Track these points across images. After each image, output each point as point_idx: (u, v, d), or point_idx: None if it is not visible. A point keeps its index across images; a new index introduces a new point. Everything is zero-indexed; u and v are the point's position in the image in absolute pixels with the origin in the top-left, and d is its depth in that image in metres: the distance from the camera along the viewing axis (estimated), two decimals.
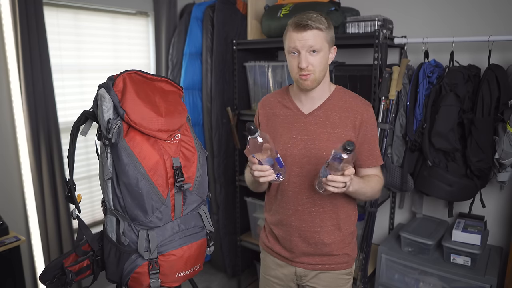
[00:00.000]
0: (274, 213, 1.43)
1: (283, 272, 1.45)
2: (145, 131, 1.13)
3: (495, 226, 2.11)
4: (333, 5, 2.09)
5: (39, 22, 2.02)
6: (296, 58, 1.24)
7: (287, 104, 1.38)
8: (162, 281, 1.19)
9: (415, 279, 2.02)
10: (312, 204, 1.34)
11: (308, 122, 1.33)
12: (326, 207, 1.35)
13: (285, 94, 1.41)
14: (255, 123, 1.47)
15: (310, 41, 1.21)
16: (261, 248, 1.55)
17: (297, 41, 1.21)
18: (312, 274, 1.40)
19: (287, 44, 1.26)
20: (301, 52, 1.22)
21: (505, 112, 1.75)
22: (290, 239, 1.39)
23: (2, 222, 1.88)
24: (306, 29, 1.20)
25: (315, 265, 1.39)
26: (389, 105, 1.95)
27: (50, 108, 2.12)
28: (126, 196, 1.15)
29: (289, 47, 1.24)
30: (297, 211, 1.36)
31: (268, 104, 1.42)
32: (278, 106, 1.40)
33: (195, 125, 2.74)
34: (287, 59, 1.29)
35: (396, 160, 2.02)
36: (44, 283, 1.20)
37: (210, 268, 3.01)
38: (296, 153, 1.33)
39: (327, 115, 1.33)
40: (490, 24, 2.01)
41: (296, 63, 1.24)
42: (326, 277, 1.40)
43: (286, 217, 1.38)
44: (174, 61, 2.71)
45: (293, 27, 1.22)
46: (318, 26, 1.21)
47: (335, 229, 1.37)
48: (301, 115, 1.35)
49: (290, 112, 1.37)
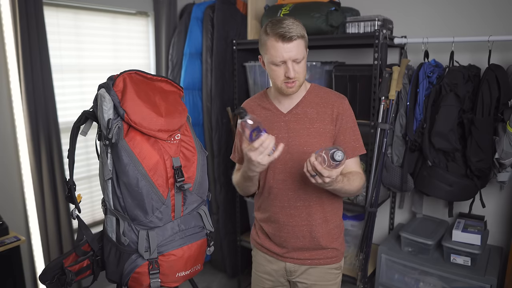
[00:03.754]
0: (262, 211, 1.47)
1: (273, 268, 1.47)
2: (145, 131, 1.13)
3: (495, 226, 2.11)
4: (333, 5, 2.10)
5: (39, 22, 2.02)
6: (281, 68, 1.26)
7: (267, 105, 1.42)
8: (162, 281, 1.20)
9: (415, 279, 2.02)
10: (298, 199, 1.37)
11: (287, 120, 1.37)
12: (312, 201, 1.38)
13: (264, 97, 1.45)
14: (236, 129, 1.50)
15: (294, 51, 1.23)
16: (252, 245, 1.58)
17: (284, 53, 1.23)
18: (301, 269, 1.43)
19: (271, 54, 1.25)
20: (287, 62, 1.24)
21: (505, 112, 1.75)
22: (280, 235, 1.42)
23: (2, 222, 1.88)
24: (292, 40, 1.22)
25: (305, 260, 1.42)
26: (389, 105, 1.95)
27: (50, 108, 2.12)
28: (126, 196, 1.15)
29: (275, 59, 1.25)
30: (284, 207, 1.39)
31: (249, 108, 1.45)
32: (258, 108, 1.43)
33: (195, 125, 2.74)
34: (268, 68, 1.30)
35: (396, 160, 2.03)
36: (44, 283, 1.20)
37: (210, 268, 3.01)
38: None
39: (305, 111, 1.37)
40: (490, 24, 2.01)
41: (282, 72, 1.26)
42: (316, 271, 1.43)
43: (274, 214, 1.41)
44: (174, 61, 2.71)
45: (277, 38, 1.22)
46: (300, 34, 1.24)
47: (323, 222, 1.40)
48: (281, 114, 1.38)
49: (269, 113, 1.40)
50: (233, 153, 1.56)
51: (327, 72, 2.25)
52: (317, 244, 1.40)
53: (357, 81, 2.10)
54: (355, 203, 2.12)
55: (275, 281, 1.49)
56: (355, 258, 2.13)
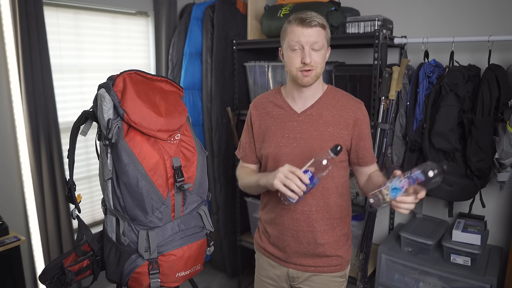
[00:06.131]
0: (268, 211, 1.43)
1: (275, 272, 1.43)
2: (145, 131, 1.13)
3: (495, 226, 2.11)
4: (333, 5, 2.09)
5: (39, 22, 2.02)
6: (298, 53, 1.23)
7: (280, 103, 1.37)
8: (162, 281, 1.20)
9: (415, 279, 2.02)
10: (304, 203, 1.32)
11: (301, 120, 1.33)
12: (319, 207, 1.33)
13: (277, 94, 1.40)
14: (245, 125, 1.47)
15: (314, 37, 1.21)
16: (255, 249, 1.54)
17: (301, 36, 1.20)
18: (304, 276, 1.39)
19: (290, 38, 1.23)
20: (305, 47, 1.21)
21: (505, 112, 1.75)
22: (283, 238, 1.37)
23: (2, 222, 1.88)
24: (311, 25, 1.20)
25: (308, 267, 1.37)
26: (389, 105, 1.95)
27: (50, 108, 2.12)
28: (126, 196, 1.15)
29: (292, 42, 1.22)
30: (290, 210, 1.34)
31: (261, 105, 1.42)
32: (270, 105, 1.39)
33: (195, 125, 2.74)
34: (285, 55, 1.27)
35: (396, 160, 2.02)
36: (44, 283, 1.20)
37: (210, 268, 3.01)
38: (288, 151, 1.32)
39: (320, 113, 1.32)
40: (490, 24, 2.01)
41: (298, 58, 1.23)
42: (319, 279, 1.38)
43: (279, 216, 1.37)
44: (174, 61, 2.71)
45: (298, 22, 1.21)
46: (322, 23, 1.22)
47: (329, 229, 1.35)
48: (294, 114, 1.34)
49: (282, 111, 1.36)
50: (238, 148, 1.51)
51: (327, 72, 2.24)
52: (321, 252, 1.35)
53: (357, 81, 2.10)
54: (355, 203, 2.11)
55: (277, 286, 1.45)
56: (355, 258, 2.13)
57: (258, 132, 1.41)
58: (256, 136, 1.42)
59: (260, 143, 1.40)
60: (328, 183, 1.32)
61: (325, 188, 1.32)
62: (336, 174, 1.33)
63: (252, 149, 1.44)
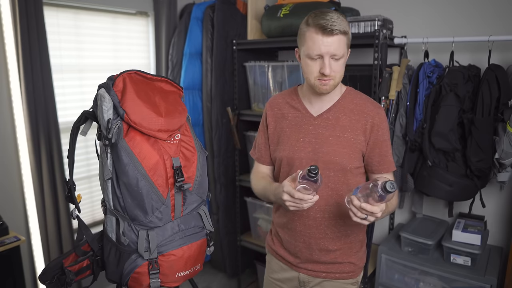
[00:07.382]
0: (280, 215, 1.41)
1: (286, 276, 1.42)
2: (145, 131, 1.13)
3: (495, 226, 2.11)
4: (333, 5, 2.09)
5: (39, 22, 2.02)
6: (317, 62, 1.17)
7: (296, 105, 1.33)
8: (162, 281, 1.19)
9: (415, 279, 2.02)
10: (318, 210, 1.29)
11: (316, 124, 1.28)
12: (332, 214, 1.29)
13: (294, 95, 1.35)
14: (260, 125, 1.45)
15: (334, 47, 1.14)
16: (267, 250, 1.53)
17: (322, 46, 1.14)
18: (315, 281, 1.37)
19: (309, 47, 1.16)
20: (324, 57, 1.15)
21: (505, 112, 1.75)
22: (294, 243, 1.36)
23: (2, 222, 1.88)
24: (333, 34, 1.13)
25: (319, 273, 1.35)
26: (389, 105, 1.95)
27: (50, 108, 2.12)
28: (126, 196, 1.14)
29: (312, 51, 1.16)
30: (302, 216, 1.32)
31: (277, 105, 1.38)
32: (286, 107, 1.35)
33: (195, 125, 2.74)
34: (303, 61, 1.21)
35: (396, 160, 2.02)
36: (44, 283, 1.20)
37: (210, 268, 3.01)
38: (303, 156, 1.29)
39: (337, 118, 1.27)
40: (490, 24, 2.01)
41: (317, 68, 1.17)
42: (330, 285, 1.36)
43: (291, 221, 1.35)
44: (174, 61, 2.71)
45: (317, 29, 1.13)
46: (344, 30, 1.15)
47: (342, 236, 1.32)
48: (310, 117, 1.30)
49: (298, 114, 1.32)
50: (253, 149, 1.48)
51: None
52: (332, 258, 1.33)
53: (357, 81, 2.10)
54: None
55: None
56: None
57: (273, 134, 1.38)
58: (271, 138, 1.38)
59: (275, 145, 1.37)
60: (343, 189, 1.28)
61: (340, 196, 1.28)
62: (351, 181, 1.29)
63: (268, 150, 1.41)
